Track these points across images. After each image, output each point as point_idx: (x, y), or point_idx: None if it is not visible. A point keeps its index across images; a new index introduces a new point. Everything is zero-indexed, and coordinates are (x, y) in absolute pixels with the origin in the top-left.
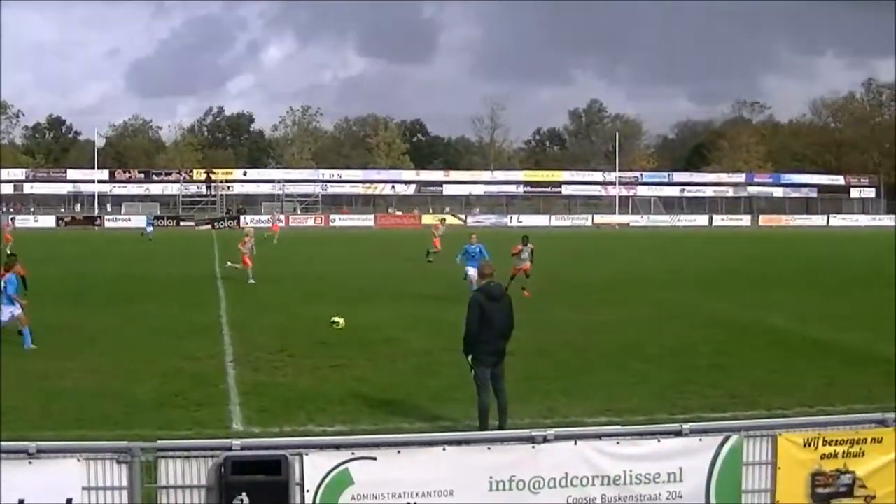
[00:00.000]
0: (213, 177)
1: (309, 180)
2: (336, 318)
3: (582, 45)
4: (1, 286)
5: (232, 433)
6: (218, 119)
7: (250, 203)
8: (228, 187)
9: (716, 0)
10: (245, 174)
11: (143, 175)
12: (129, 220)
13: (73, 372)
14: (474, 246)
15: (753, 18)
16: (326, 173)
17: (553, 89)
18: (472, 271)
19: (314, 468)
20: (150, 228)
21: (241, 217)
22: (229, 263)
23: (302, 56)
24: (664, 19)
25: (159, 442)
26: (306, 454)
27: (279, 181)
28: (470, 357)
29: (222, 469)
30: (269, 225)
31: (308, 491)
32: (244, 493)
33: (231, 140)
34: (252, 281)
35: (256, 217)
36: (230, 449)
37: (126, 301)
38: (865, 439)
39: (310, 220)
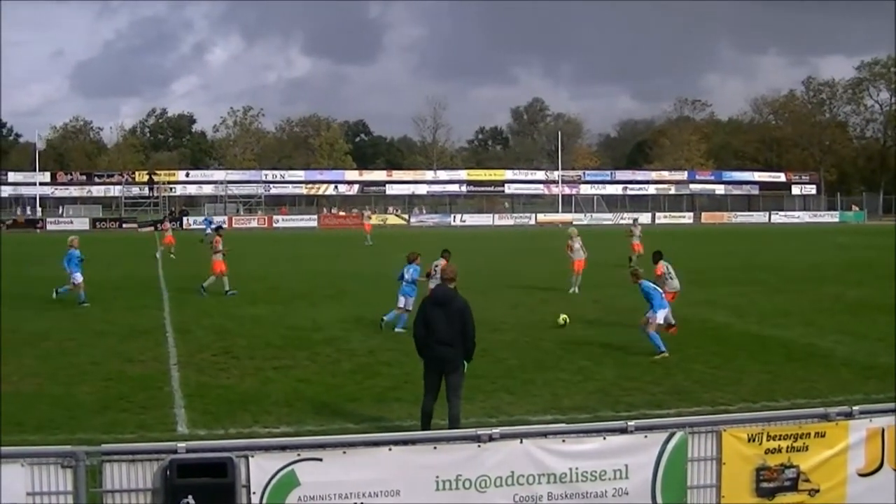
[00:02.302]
0: (155, 178)
1: (251, 181)
2: (563, 316)
3: (526, 43)
4: None
5: (177, 436)
6: (160, 120)
7: (193, 204)
8: (171, 189)
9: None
10: (187, 175)
11: (84, 177)
12: (72, 222)
13: (13, 376)
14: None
15: (697, 17)
16: (269, 174)
17: (496, 88)
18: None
19: (260, 470)
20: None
21: (184, 218)
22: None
23: (247, 56)
24: (608, 18)
25: (104, 446)
26: (252, 456)
27: (222, 182)
28: None
29: (167, 472)
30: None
31: (254, 493)
32: (190, 496)
33: (173, 141)
34: (233, 292)
35: (199, 218)
36: (175, 452)
37: (68, 303)
38: (809, 434)
39: (253, 222)
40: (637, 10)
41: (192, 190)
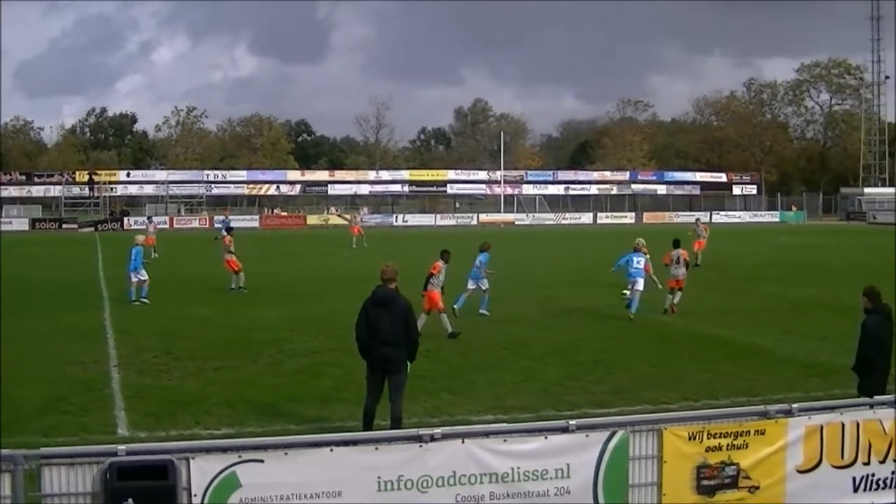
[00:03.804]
0: (95, 178)
1: (193, 181)
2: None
3: (473, 44)
4: None
5: (117, 438)
6: (100, 119)
7: (134, 205)
8: (111, 189)
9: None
10: (128, 175)
11: (24, 177)
12: (11, 223)
13: None
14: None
15: (642, 18)
16: (211, 174)
17: (442, 89)
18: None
19: (201, 472)
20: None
21: (125, 219)
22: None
23: (193, 56)
24: (555, 18)
25: (42, 449)
26: (193, 458)
27: (163, 182)
28: None
29: (108, 475)
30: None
31: (195, 495)
32: (130, 500)
33: (114, 141)
34: (244, 289)
35: (140, 219)
36: (115, 454)
37: (7, 305)
38: (749, 431)
39: (194, 222)
40: (584, 11)
41: (133, 190)
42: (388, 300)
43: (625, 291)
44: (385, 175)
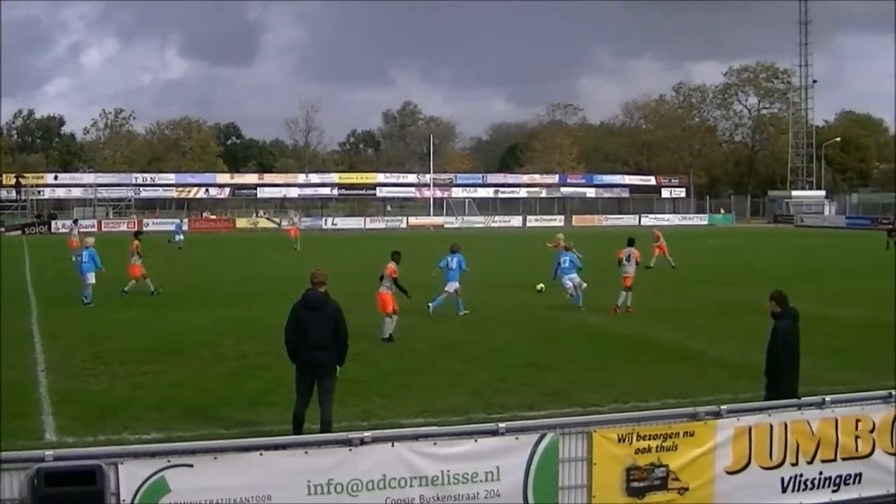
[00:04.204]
0: (22, 181)
1: (121, 184)
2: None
3: (404, 46)
4: None
5: (44, 444)
6: (28, 122)
7: (62, 208)
8: (39, 192)
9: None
10: (56, 178)
11: None
12: None
13: None
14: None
15: (574, 21)
16: (139, 177)
17: (373, 91)
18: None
19: (130, 477)
20: (179, 237)
21: (53, 222)
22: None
23: (122, 58)
24: (486, 20)
25: None
26: (121, 463)
27: (91, 185)
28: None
29: (35, 481)
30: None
31: (124, 500)
32: None
33: (42, 143)
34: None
35: (67, 222)
36: (42, 460)
37: None
38: (678, 433)
39: (123, 225)
40: (515, 14)
41: (60, 193)
42: (318, 304)
43: (541, 285)
44: (314, 178)
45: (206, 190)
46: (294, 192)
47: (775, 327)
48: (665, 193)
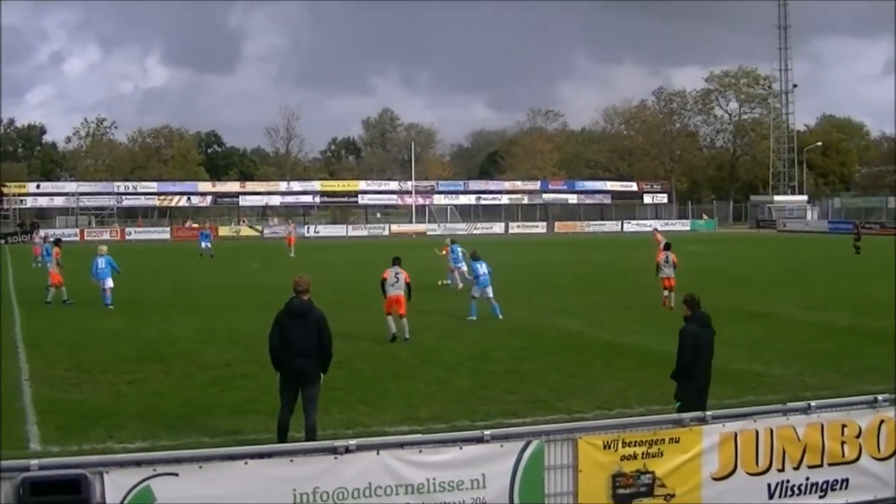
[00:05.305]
0: (4, 190)
1: (103, 193)
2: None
3: (384, 53)
4: None
5: (29, 453)
6: (8, 131)
7: (44, 217)
8: (21, 201)
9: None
10: (38, 187)
11: None
12: None
13: None
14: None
15: (554, 26)
16: (121, 185)
17: (353, 98)
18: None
19: (115, 486)
20: (206, 244)
21: (35, 231)
22: None
23: (104, 66)
24: (466, 26)
25: None
26: (106, 472)
27: (73, 194)
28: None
29: (20, 490)
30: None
31: None
32: None
33: (23, 152)
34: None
35: (50, 231)
36: (28, 469)
37: None
38: (663, 439)
39: (105, 234)
40: (495, 19)
41: (42, 202)
42: (302, 312)
43: (446, 282)
44: (296, 186)
45: (188, 198)
46: (276, 200)
47: (683, 330)
48: (647, 199)
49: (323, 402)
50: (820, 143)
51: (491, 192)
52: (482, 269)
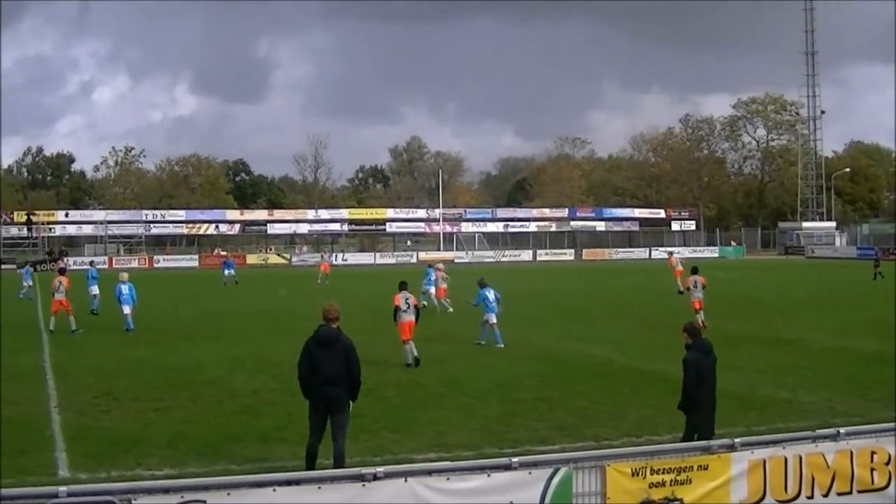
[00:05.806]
0: (33, 218)
1: (132, 221)
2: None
3: (412, 81)
4: None
5: (58, 480)
6: (37, 159)
7: (73, 245)
8: (50, 229)
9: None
10: (67, 215)
11: None
12: None
13: None
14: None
15: (582, 55)
16: (149, 214)
17: (381, 127)
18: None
19: None
20: (230, 272)
21: (64, 259)
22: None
23: (133, 95)
24: (495, 55)
25: None
26: (135, 499)
27: (101, 222)
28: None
29: None
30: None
31: None
32: None
33: (52, 181)
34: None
35: (81, 259)
36: (56, 496)
37: None
38: (692, 467)
39: (134, 262)
40: (523, 48)
41: (71, 230)
42: (331, 339)
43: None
44: (324, 214)
45: (217, 226)
46: (304, 228)
47: (685, 359)
48: (675, 226)
49: (351, 429)
50: (848, 169)
51: (519, 219)
52: (491, 295)
